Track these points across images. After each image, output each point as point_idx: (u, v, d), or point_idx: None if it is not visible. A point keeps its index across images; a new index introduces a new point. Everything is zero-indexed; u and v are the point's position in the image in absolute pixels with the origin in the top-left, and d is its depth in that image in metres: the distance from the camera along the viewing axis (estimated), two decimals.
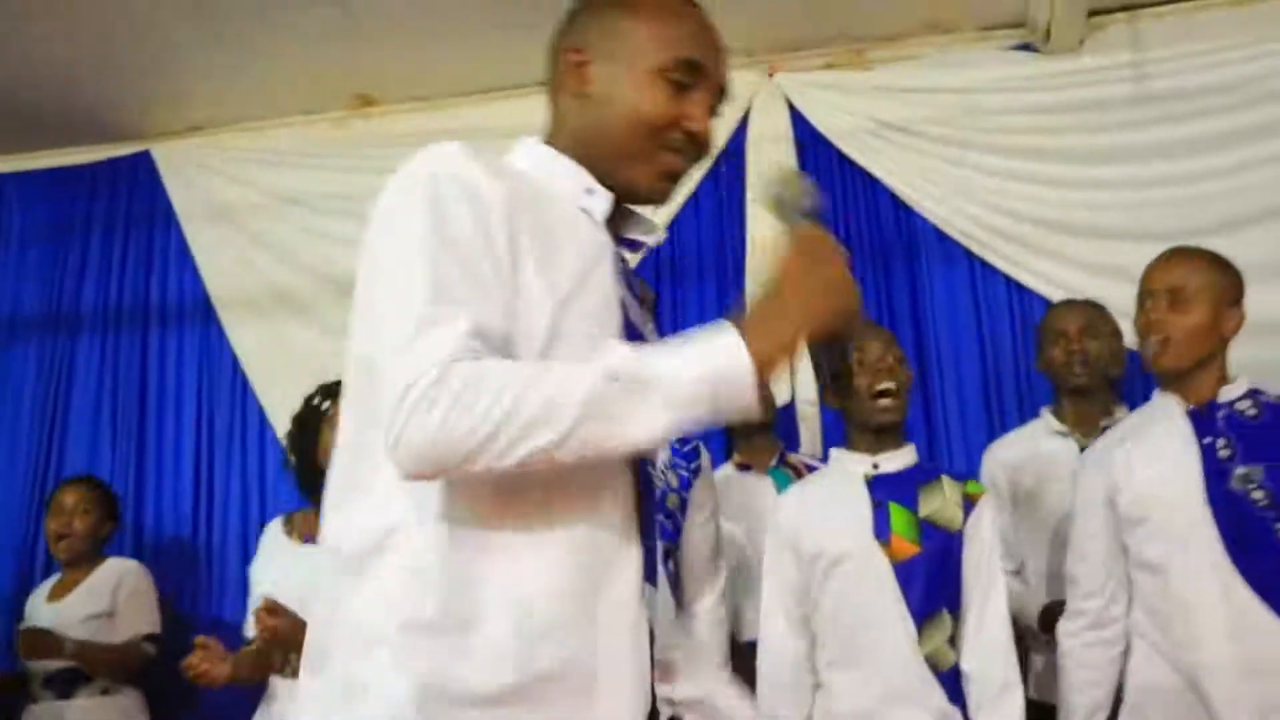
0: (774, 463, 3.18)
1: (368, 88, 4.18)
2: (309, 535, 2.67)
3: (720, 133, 3.89)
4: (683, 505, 2.33)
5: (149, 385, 4.32)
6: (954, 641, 2.29)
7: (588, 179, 1.29)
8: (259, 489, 4.14)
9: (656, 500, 1.25)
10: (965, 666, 2.29)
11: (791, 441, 3.49)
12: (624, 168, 1.29)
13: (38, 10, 3.53)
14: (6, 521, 4.21)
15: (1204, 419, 2.25)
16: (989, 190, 3.66)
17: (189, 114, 4.31)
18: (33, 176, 4.57)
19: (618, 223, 1.32)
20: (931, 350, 3.67)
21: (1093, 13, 3.63)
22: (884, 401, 2.33)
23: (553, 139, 1.34)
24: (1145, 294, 2.30)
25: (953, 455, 3.53)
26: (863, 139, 3.77)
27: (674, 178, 1.32)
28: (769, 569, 2.38)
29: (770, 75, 3.89)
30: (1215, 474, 2.18)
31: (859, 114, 3.79)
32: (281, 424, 3.15)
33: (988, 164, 3.68)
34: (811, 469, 3.06)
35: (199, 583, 4.07)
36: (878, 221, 3.79)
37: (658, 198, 1.33)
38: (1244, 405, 2.26)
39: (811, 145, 3.86)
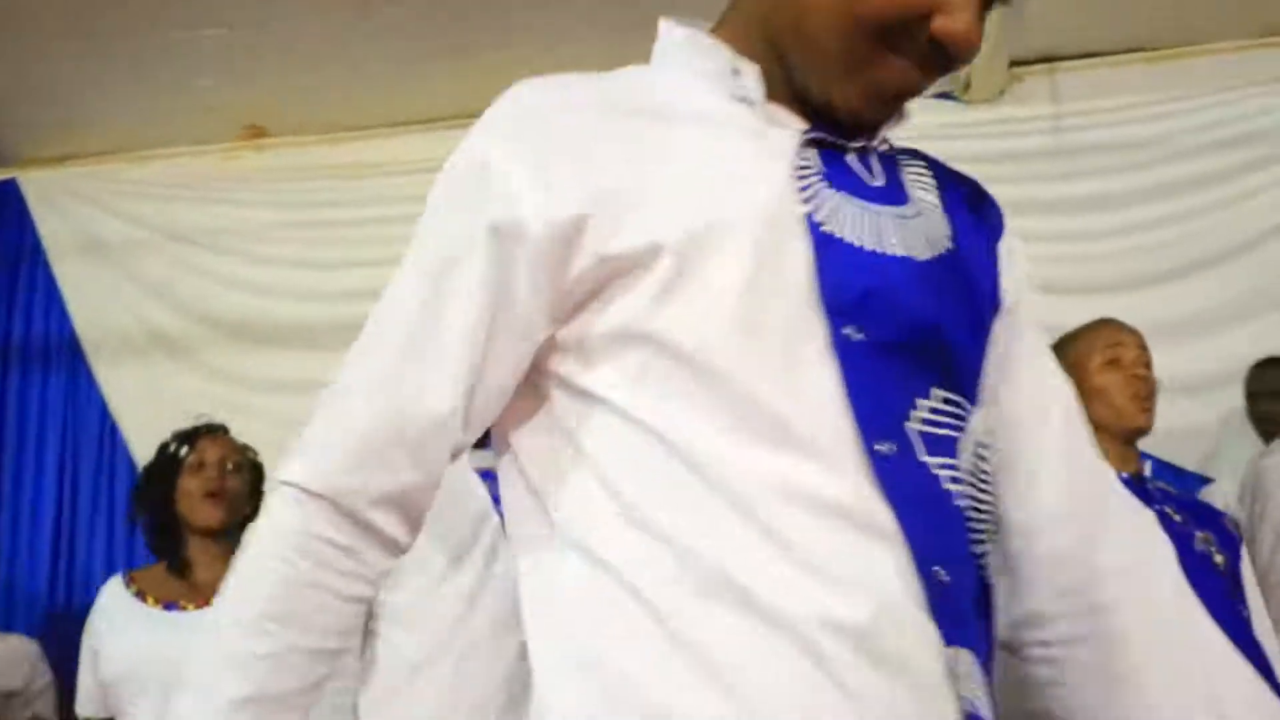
0: None
1: (260, 118, 4.14)
2: (170, 601, 2.59)
3: None
4: None
5: (6, 433, 4.18)
6: None
7: (729, 57, 0.91)
8: (126, 547, 4.02)
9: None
10: None
11: None
12: (824, 78, 0.89)
13: None
14: None
15: (1139, 489, 2.23)
16: None
17: (62, 141, 4.22)
18: None
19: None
20: None
21: (1014, 63, 3.76)
22: None
23: (718, 28, 0.96)
24: (1125, 351, 2.24)
25: None
26: None
27: (899, 98, 0.91)
28: None
29: None
30: (1178, 537, 2.20)
31: None
32: None
33: None
34: None
35: (59, 650, 3.92)
36: None
37: (870, 125, 0.93)
38: (1162, 484, 2.29)
39: None
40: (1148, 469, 2.27)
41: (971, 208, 1.01)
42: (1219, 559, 2.16)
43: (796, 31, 0.88)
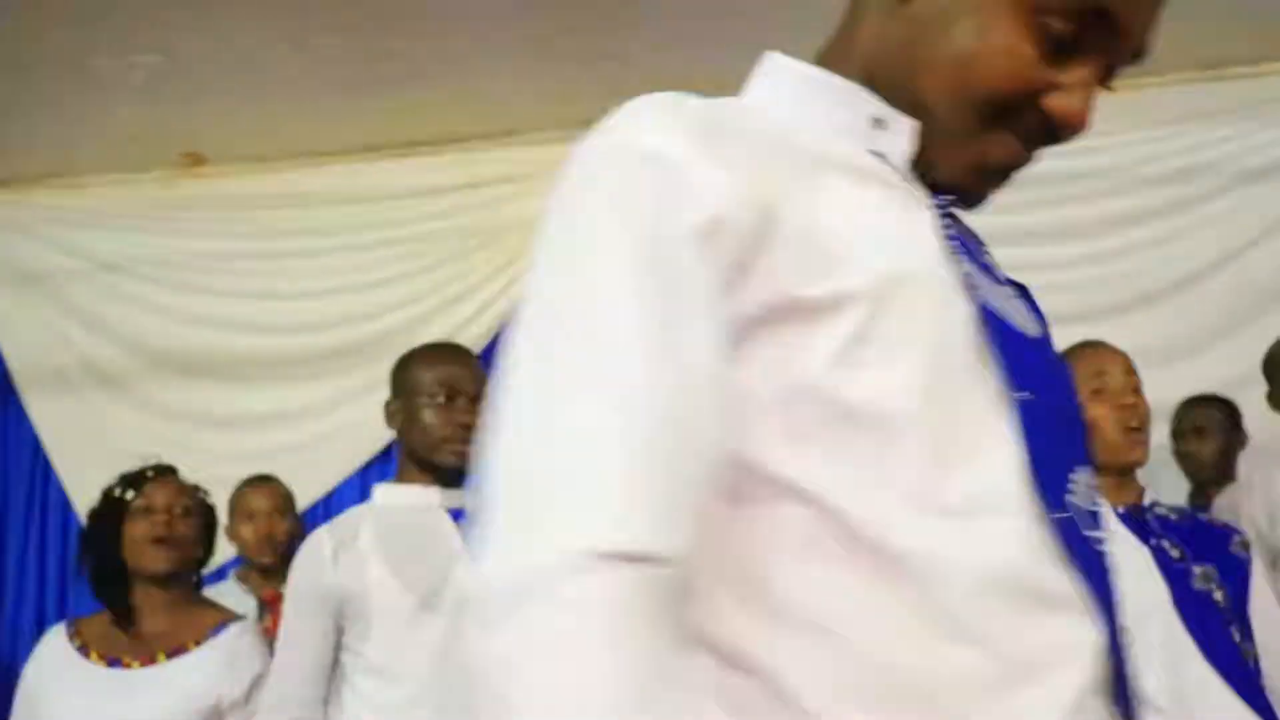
0: None
1: (198, 146, 4.09)
2: (113, 658, 2.53)
3: None
4: None
5: None
6: None
7: (873, 103, 0.85)
8: (58, 587, 3.94)
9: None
10: None
11: None
12: (930, 144, 0.85)
13: None
14: None
15: (1137, 521, 2.12)
16: None
17: None
18: None
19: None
20: None
21: None
22: None
23: (826, 62, 0.89)
24: (1110, 379, 2.13)
25: None
26: None
27: (1001, 173, 0.88)
28: None
29: None
30: (1175, 575, 2.07)
31: None
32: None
33: None
34: None
35: None
36: None
37: (963, 202, 0.89)
38: (1164, 510, 2.20)
39: None
40: (1151, 495, 2.18)
41: (1015, 283, 0.99)
42: (1219, 595, 2.07)
43: (908, 94, 0.84)
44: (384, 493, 2.27)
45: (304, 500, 3.57)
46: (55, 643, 2.55)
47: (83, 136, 3.97)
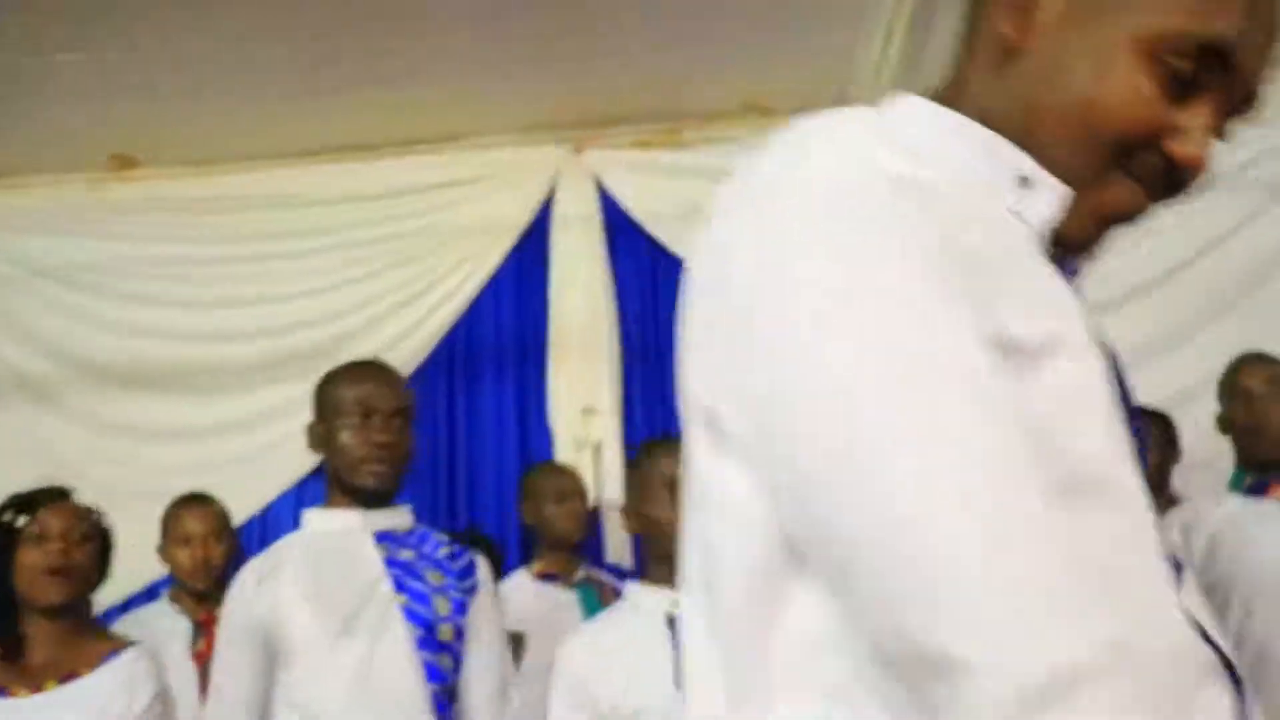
0: (580, 577, 3.17)
1: (128, 147, 4.01)
2: (1, 688, 2.44)
3: (520, 212, 3.94)
4: (458, 635, 2.22)
5: None
6: None
7: (1019, 159, 0.83)
8: None
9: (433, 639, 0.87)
10: None
11: (593, 549, 3.49)
12: None
13: None
14: None
15: None
16: None
17: None
18: None
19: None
20: None
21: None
22: None
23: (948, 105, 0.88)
24: None
25: None
26: (674, 222, 3.84)
27: (1119, 222, 0.85)
28: None
29: (578, 152, 3.95)
30: None
31: (671, 195, 3.84)
32: None
33: None
34: (618, 592, 3.02)
35: None
36: None
37: (1080, 251, 0.87)
38: None
39: (620, 228, 3.92)
40: None
41: None
42: None
43: (1025, 138, 0.83)
44: (312, 518, 2.23)
45: (240, 515, 3.50)
46: None
47: (9, 137, 3.86)
